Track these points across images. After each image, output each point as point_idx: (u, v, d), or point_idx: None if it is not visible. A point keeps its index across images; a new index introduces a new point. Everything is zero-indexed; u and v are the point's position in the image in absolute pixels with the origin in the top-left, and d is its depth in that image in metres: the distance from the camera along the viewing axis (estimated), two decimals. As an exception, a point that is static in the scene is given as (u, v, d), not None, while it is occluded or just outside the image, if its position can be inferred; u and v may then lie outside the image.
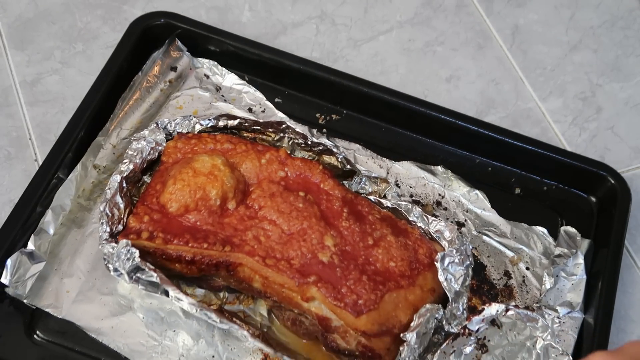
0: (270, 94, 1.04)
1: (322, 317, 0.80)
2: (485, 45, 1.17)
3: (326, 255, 0.82)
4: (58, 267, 0.87)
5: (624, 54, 1.18)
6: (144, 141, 0.90)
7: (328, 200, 0.87)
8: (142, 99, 1.00)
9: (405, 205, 0.89)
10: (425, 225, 0.88)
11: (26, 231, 0.86)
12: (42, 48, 1.09)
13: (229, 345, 0.84)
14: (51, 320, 0.84)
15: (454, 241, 0.86)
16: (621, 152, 1.08)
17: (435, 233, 0.88)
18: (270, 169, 0.89)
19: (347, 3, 1.19)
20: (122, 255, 0.80)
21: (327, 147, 0.93)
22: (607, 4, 1.23)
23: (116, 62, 0.99)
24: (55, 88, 1.05)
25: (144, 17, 1.04)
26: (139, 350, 0.83)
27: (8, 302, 0.84)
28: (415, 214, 0.89)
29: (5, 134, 1.00)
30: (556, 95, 1.13)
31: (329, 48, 1.14)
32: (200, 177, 0.84)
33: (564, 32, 1.20)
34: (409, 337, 0.78)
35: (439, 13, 1.20)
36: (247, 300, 0.87)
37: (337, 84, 1.02)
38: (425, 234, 0.88)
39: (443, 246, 0.87)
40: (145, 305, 0.85)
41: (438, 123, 1.01)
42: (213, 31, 1.04)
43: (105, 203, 0.84)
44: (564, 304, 0.89)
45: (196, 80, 1.04)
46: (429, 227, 0.88)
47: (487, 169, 1.03)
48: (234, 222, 0.84)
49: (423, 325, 0.79)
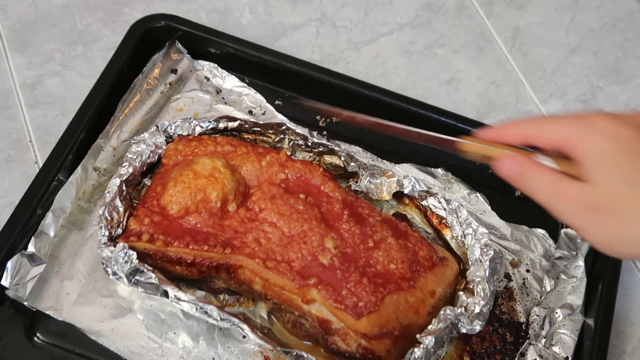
0: (270, 96, 1.04)
1: (323, 319, 0.80)
2: (485, 48, 1.17)
3: (327, 258, 0.82)
4: (58, 269, 0.86)
5: (624, 57, 1.18)
6: (143, 144, 0.90)
7: (328, 202, 0.87)
8: (142, 101, 1.00)
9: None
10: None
11: (26, 233, 0.86)
12: (43, 50, 1.09)
13: (229, 347, 0.84)
14: (51, 322, 0.84)
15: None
16: (621, 155, 1.08)
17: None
18: (270, 171, 0.89)
19: (347, 5, 1.19)
20: (120, 259, 0.79)
21: (328, 147, 0.93)
22: (608, 7, 1.23)
23: (116, 64, 0.99)
24: (55, 90, 1.05)
25: (145, 19, 1.04)
26: (139, 352, 0.82)
27: (8, 304, 0.84)
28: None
29: (5, 137, 1.00)
30: (556, 98, 1.13)
31: (330, 50, 1.14)
32: (200, 179, 0.84)
33: (565, 35, 1.20)
34: (427, 341, 0.78)
35: (439, 15, 1.20)
36: (247, 302, 0.87)
37: (337, 86, 1.02)
38: (425, 236, 0.89)
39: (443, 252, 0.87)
40: (146, 307, 0.85)
41: (438, 125, 1.01)
42: (213, 33, 1.04)
43: (104, 207, 0.84)
44: (564, 306, 0.89)
45: (196, 82, 1.04)
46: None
47: (488, 171, 1.02)
48: (235, 225, 0.84)
49: (442, 331, 0.79)
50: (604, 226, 0.60)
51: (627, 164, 0.59)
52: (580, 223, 0.61)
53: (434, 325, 0.80)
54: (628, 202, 0.58)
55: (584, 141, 0.61)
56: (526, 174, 0.65)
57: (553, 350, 0.86)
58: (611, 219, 0.59)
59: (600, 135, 0.61)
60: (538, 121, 0.66)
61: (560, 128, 0.63)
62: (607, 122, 0.61)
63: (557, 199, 0.62)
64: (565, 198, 0.62)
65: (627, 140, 0.60)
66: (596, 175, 0.60)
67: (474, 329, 0.81)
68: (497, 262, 0.86)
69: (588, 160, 0.61)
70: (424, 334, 0.79)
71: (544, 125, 0.64)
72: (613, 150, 0.60)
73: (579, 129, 0.62)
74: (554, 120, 0.64)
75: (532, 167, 0.65)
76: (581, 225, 0.62)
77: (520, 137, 0.66)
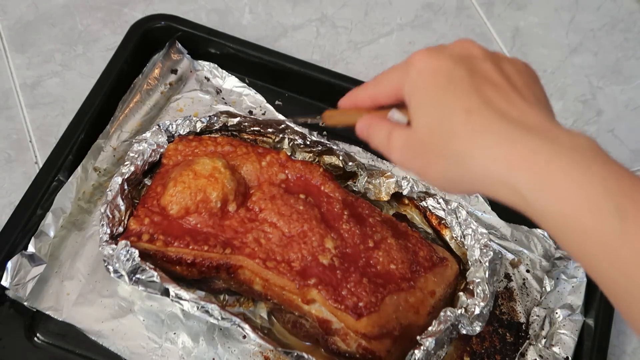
0: (270, 96, 1.04)
1: (323, 319, 0.80)
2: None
3: (327, 258, 0.82)
4: (58, 269, 0.87)
5: (624, 57, 1.18)
6: (145, 143, 0.90)
7: (328, 202, 0.87)
8: (142, 101, 1.00)
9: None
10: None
11: (26, 234, 0.86)
12: (43, 51, 1.09)
13: (230, 347, 0.84)
14: (51, 322, 0.84)
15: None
16: (621, 155, 1.08)
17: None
18: (270, 171, 0.89)
19: (347, 6, 1.19)
20: (122, 256, 0.79)
21: (327, 147, 0.93)
22: (608, 7, 1.23)
23: (116, 64, 0.99)
24: (55, 91, 1.05)
25: (145, 19, 1.04)
26: (140, 353, 0.83)
27: (8, 304, 0.84)
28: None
29: (5, 137, 1.00)
30: (556, 98, 1.13)
31: (330, 51, 1.14)
32: (200, 179, 0.84)
33: (564, 35, 1.20)
34: (428, 343, 0.78)
35: (439, 16, 1.20)
36: (247, 302, 0.87)
37: (337, 86, 1.02)
38: (425, 237, 0.89)
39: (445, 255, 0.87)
40: (146, 307, 0.85)
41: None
42: (213, 34, 1.04)
43: (106, 205, 0.84)
44: (565, 307, 0.89)
45: (196, 82, 1.04)
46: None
47: (488, 172, 1.03)
48: (235, 225, 0.84)
49: (442, 332, 0.79)
50: (432, 166, 0.57)
51: (441, 98, 0.56)
52: (413, 167, 0.59)
53: (434, 327, 0.80)
54: (443, 140, 0.55)
55: (405, 83, 0.59)
56: (370, 132, 0.63)
57: (553, 350, 0.86)
58: (436, 159, 0.57)
59: (415, 73, 0.58)
60: (377, 78, 0.63)
61: (391, 78, 0.61)
62: (421, 57, 0.58)
63: (389, 148, 0.60)
64: (394, 146, 0.60)
65: (441, 72, 0.57)
66: (414, 115, 0.58)
67: (474, 330, 0.81)
68: (496, 263, 0.86)
69: (408, 102, 0.58)
70: (424, 336, 0.79)
71: (382, 81, 0.62)
72: (427, 86, 0.57)
73: (401, 72, 0.59)
74: (387, 73, 0.62)
75: (374, 124, 0.63)
76: (414, 168, 0.59)
77: (368, 98, 0.64)
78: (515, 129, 0.52)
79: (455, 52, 0.59)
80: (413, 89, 0.58)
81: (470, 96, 0.55)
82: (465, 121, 0.54)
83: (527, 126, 0.53)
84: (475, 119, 0.54)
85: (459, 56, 0.58)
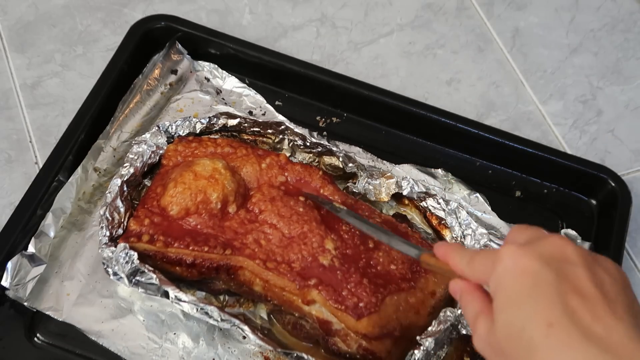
0: (270, 96, 1.04)
1: (323, 320, 0.80)
2: (485, 48, 1.17)
3: (327, 259, 0.82)
4: (58, 270, 0.86)
5: (624, 57, 1.18)
6: (144, 145, 0.90)
7: (328, 203, 0.87)
8: (142, 102, 1.00)
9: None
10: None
11: (27, 234, 0.86)
12: (43, 51, 1.09)
13: (230, 347, 0.84)
14: (52, 323, 0.84)
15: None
16: (622, 155, 1.08)
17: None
18: (270, 173, 0.89)
19: (347, 6, 1.19)
20: (121, 259, 0.79)
21: (327, 148, 0.93)
22: (608, 7, 1.23)
23: (116, 65, 0.99)
24: (55, 91, 1.05)
25: (145, 20, 1.04)
26: (140, 353, 0.82)
27: (8, 305, 0.84)
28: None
29: (5, 137, 1.00)
30: (556, 98, 1.13)
31: (330, 51, 1.14)
32: (201, 180, 0.84)
33: (565, 35, 1.20)
34: (427, 343, 0.78)
35: (439, 16, 1.20)
36: (247, 303, 0.87)
37: (337, 86, 1.02)
38: (426, 237, 0.89)
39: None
40: (146, 307, 0.85)
41: (438, 126, 1.01)
42: (213, 34, 1.04)
43: (105, 207, 0.84)
44: (565, 307, 0.89)
45: (197, 83, 1.04)
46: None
47: (488, 172, 1.03)
48: (235, 226, 0.84)
49: (442, 332, 0.79)
50: None
51: (524, 303, 0.54)
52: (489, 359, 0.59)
53: (434, 327, 0.80)
54: (522, 351, 0.54)
55: (491, 278, 0.58)
56: (461, 300, 0.63)
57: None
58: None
59: (502, 269, 0.57)
60: (471, 257, 0.62)
61: (481, 264, 0.60)
62: (510, 254, 0.57)
63: (474, 330, 0.60)
64: (478, 333, 0.59)
65: (528, 273, 0.55)
66: (496, 314, 0.57)
67: None
68: None
69: (493, 296, 0.58)
70: (424, 336, 0.79)
71: (473, 265, 0.61)
72: (512, 286, 0.56)
73: (490, 263, 0.59)
74: (479, 258, 0.61)
75: (466, 294, 0.63)
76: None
77: (460, 271, 0.64)
78: (596, 350, 0.51)
79: (546, 251, 0.56)
80: (497, 287, 0.57)
81: (554, 307, 0.53)
82: (546, 334, 0.52)
83: (609, 347, 0.51)
84: (556, 334, 0.52)
85: (550, 257, 0.56)
